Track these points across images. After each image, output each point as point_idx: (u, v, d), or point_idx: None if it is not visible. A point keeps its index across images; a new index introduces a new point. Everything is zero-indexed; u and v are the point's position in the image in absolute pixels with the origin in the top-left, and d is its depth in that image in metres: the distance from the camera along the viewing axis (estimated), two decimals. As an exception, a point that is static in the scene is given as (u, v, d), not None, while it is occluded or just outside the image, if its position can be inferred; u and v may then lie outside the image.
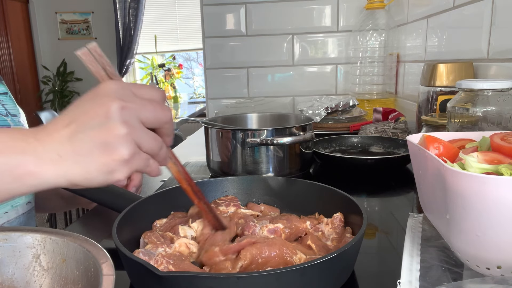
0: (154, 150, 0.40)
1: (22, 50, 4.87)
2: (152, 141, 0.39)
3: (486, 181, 0.36)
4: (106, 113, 0.37)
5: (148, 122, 0.39)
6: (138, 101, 0.39)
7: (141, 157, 0.39)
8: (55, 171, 0.37)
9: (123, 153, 0.37)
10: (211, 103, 1.89)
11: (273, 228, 0.54)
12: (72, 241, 0.38)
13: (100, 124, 0.37)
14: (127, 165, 0.38)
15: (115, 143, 0.37)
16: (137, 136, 0.38)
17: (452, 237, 0.43)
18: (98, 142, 0.37)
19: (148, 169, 0.41)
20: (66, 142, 0.37)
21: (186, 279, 0.37)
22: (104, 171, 0.37)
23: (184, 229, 0.55)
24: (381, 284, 0.47)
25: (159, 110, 0.40)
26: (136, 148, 0.38)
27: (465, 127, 0.66)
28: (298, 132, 0.82)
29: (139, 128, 0.38)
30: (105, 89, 0.38)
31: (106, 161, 0.37)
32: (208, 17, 1.79)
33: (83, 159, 0.37)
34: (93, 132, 0.37)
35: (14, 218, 0.66)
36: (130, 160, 0.38)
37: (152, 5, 4.91)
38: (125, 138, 0.37)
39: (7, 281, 0.40)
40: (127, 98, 0.38)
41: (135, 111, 0.38)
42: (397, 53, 1.62)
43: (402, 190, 0.81)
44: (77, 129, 0.37)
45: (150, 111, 0.39)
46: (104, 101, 0.37)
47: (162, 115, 0.40)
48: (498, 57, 0.87)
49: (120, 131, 0.37)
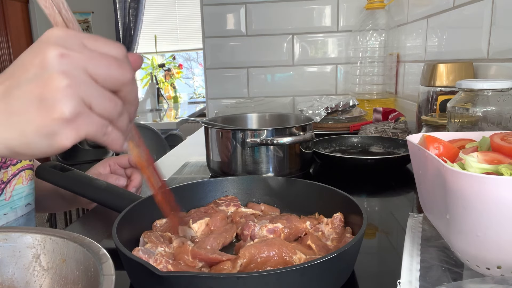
0: (111, 114, 0.33)
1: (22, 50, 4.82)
2: (106, 101, 0.32)
3: (486, 181, 0.36)
4: (42, 62, 0.31)
5: (100, 78, 0.32)
6: (87, 52, 0.32)
7: (92, 119, 0.32)
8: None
9: (63, 111, 0.30)
10: (211, 103, 1.89)
11: (272, 228, 0.54)
12: (72, 241, 0.38)
13: (35, 76, 0.31)
14: (71, 126, 0.31)
15: (53, 98, 0.30)
16: (83, 90, 0.31)
17: (452, 237, 0.43)
18: (32, 98, 0.30)
19: (106, 138, 0.33)
20: (0, 101, 0.32)
21: (186, 279, 0.37)
22: (43, 134, 0.31)
23: (183, 229, 0.55)
24: (381, 284, 0.47)
25: (115, 66, 0.32)
26: (83, 106, 0.31)
27: (465, 127, 0.66)
28: (298, 132, 0.82)
29: (86, 82, 0.31)
30: (47, 35, 0.32)
31: (44, 121, 0.31)
32: (208, 17, 1.79)
33: (17, 119, 0.31)
34: (27, 86, 0.31)
35: (13, 220, 0.66)
36: (74, 119, 0.31)
37: (152, 5, 4.91)
38: (65, 92, 0.30)
39: (7, 281, 0.40)
40: (72, 46, 0.31)
41: (81, 61, 0.31)
42: (397, 53, 1.62)
43: (402, 190, 0.81)
44: (12, 85, 0.32)
45: (102, 65, 0.32)
46: (43, 49, 0.31)
47: (118, 73, 0.33)
48: (498, 57, 0.87)
49: (58, 83, 0.30)
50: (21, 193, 0.68)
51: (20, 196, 0.67)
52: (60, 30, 0.32)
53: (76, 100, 0.30)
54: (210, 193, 0.65)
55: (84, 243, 0.38)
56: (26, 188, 0.69)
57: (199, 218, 0.57)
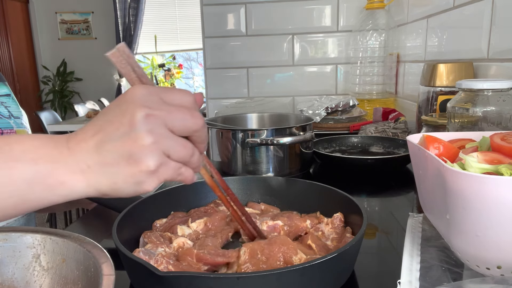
0: (185, 158, 0.38)
1: (22, 50, 4.87)
2: (181, 148, 0.37)
3: (486, 181, 0.36)
4: (130, 122, 0.35)
5: (176, 130, 0.37)
6: (165, 108, 0.37)
7: (170, 166, 0.37)
8: (85, 182, 0.37)
9: (149, 164, 0.35)
10: (211, 103, 1.89)
11: (272, 225, 0.54)
12: (72, 241, 0.38)
13: (125, 134, 0.35)
14: (155, 176, 0.36)
15: (140, 154, 0.35)
16: (164, 145, 0.36)
17: (452, 237, 0.43)
18: (123, 153, 0.35)
19: (180, 177, 0.39)
20: (94, 153, 0.36)
21: (186, 279, 0.37)
22: (131, 183, 0.36)
23: (182, 229, 0.55)
24: (381, 284, 0.47)
25: (189, 117, 0.38)
26: (164, 157, 0.36)
27: (465, 127, 0.66)
28: (298, 132, 0.82)
29: (166, 136, 0.36)
30: (131, 95, 0.36)
31: (132, 173, 0.36)
32: (208, 17, 1.79)
33: (109, 170, 0.36)
34: (118, 142, 0.35)
35: (14, 220, 0.66)
36: (158, 170, 0.36)
37: (152, 5, 4.91)
38: (150, 148, 0.35)
39: (7, 281, 0.40)
40: (153, 105, 0.36)
41: (161, 119, 0.36)
42: (397, 53, 1.62)
43: (402, 190, 0.81)
44: (103, 139, 0.36)
45: (179, 119, 0.37)
46: (129, 108, 0.36)
47: (192, 123, 0.38)
48: (498, 57, 0.87)
49: (145, 141, 0.35)
50: None
51: None
52: (141, 88, 0.37)
53: (159, 154, 0.36)
54: (210, 193, 0.65)
55: (84, 243, 0.38)
56: None
57: (198, 218, 0.57)
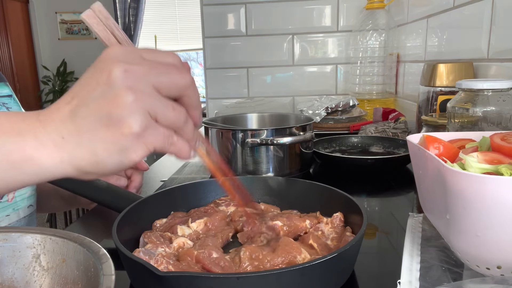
0: (176, 122, 0.33)
1: (22, 50, 4.87)
2: (170, 111, 0.32)
3: (486, 181, 0.36)
4: (107, 80, 0.30)
5: (163, 87, 0.32)
6: (148, 63, 0.32)
7: (159, 131, 0.32)
8: (58, 156, 0.32)
9: (132, 125, 0.30)
10: (211, 103, 1.89)
11: (272, 225, 0.54)
12: (72, 241, 0.38)
13: (102, 93, 0.31)
14: (140, 141, 0.31)
15: (121, 114, 0.30)
16: (148, 103, 0.31)
17: (452, 237, 0.43)
18: (101, 116, 0.30)
19: (173, 148, 0.33)
20: (68, 120, 0.31)
21: (186, 279, 0.37)
22: (114, 151, 0.31)
23: (182, 229, 0.55)
24: (381, 284, 0.47)
25: (175, 72, 0.33)
26: (149, 119, 0.31)
27: (465, 127, 0.66)
28: (298, 132, 0.82)
29: (151, 94, 0.31)
30: (108, 54, 0.32)
31: (114, 138, 0.31)
32: (208, 17, 1.79)
33: (87, 138, 0.31)
34: (95, 104, 0.31)
35: (16, 221, 0.66)
36: (143, 134, 0.31)
37: (152, 5, 4.91)
38: (132, 106, 0.30)
39: (7, 281, 0.40)
40: (133, 61, 0.31)
41: (144, 74, 0.31)
42: (397, 53, 1.62)
43: (402, 190, 0.81)
44: (79, 104, 0.31)
45: (163, 74, 0.32)
46: (105, 66, 0.31)
47: (179, 78, 0.33)
48: (498, 57, 0.87)
49: (125, 98, 0.30)
50: (24, 195, 0.68)
51: (23, 198, 0.67)
52: (117, 47, 0.33)
53: (143, 114, 0.31)
54: (210, 193, 0.65)
55: (84, 243, 0.38)
56: (29, 190, 0.69)
57: (198, 218, 0.57)
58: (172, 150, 0.33)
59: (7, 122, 0.32)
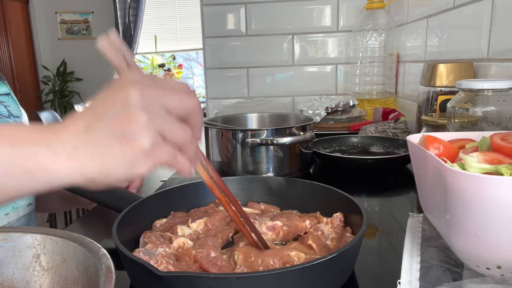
0: (181, 141, 0.36)
1: (22, 50, 4.87)
2: (178, 131, 0.36)
3: (486, 181, 0.36)
4: (124, 100, 0.33)
5: (173, 108, 0.35)
6: (160, 87, 0.35)
7: (166, 149, 0.35)
8: (70, 166, 0.34)
9: (143, 142, 0.33)
10: (211, 103, 1.89)
11: (271, 225, 0.54)
12: (72, 241, 0.38)
13: (118, 111, 0.33)
14: (149, 157, 0.34)
15: (135, 132, 0.33)
16: (159, 123, 0.34)
17: (452, 237, 0.43)
18: (116, 131, 0.33)
19: (177, 164, 0.36)
20: (82, 133, 0.34)
21: (186, 279, 0.37)
22: (123, 164, 0.34)
23: (182, 229, 0.55)
24: (381, 284, 0.47)
25: (185, 95, 0.36)
26: (159, 137, 0.34)
27: (465, 127, 0.66)
28: (298, 132, 0.82)
29: (162, 115, 0.35)
30: (125, 77, 0.35)
31: (125, 152, 0.34)
32: (208, 17, 1.79)
33: (100, 150, 0.34)
34: (110, 121, 0.34)
35: (15, 220, 0.66)
36: (152, 150, 0.34)
37: (152, 5, 4.91)
38: (145, 125, 0.33)
39: (7, 281, 0.40)
40: (148, 84, 0.35)
41: (157, 97, 0.35)
42: (397, 53, 1.62)
43: (402, 190, 0.81)
44: (94, 119, 0.34)
45: (174, 97, 0.36)
46: (123, 87, 0.34)
47: (188, 101, 0.36)
48: (498, 57, 0.87)
49: (140, 118, 0.33)
50: None
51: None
52: (135, 73, 0.36)
53: (154, 133, 0.34)
54: (210, 193, 0.65)
55: (84, 243, 0.38)
56: None
57: (198, 218, 0.57)
58: (176, 166, 0.36)
59: (22, 132, 0.35)
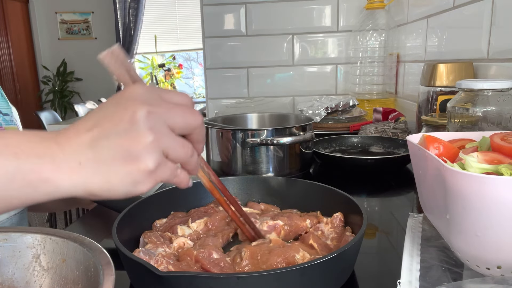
0: (183, 158, 0.37)
1: (22, 50, 4.87)
2: (180, 148, 0.36)
3: (486, 181, 0.36)
4: (131, 119, 0.34)
5: (177, 127, 0.36)
6: (165, 105, 0.36)
7: (168, 166, 0.36)
8: (73, 180, 0.34)
9: (148, 163, 0.34)
10: (211, 103, 1.89)
11: (273, 225, 0.54)
12: (72, 241, 0.38)
13: (125, 130, 0.34)
14: (152, 176, 0.35)
15: (140, 152, 0.34)
16: (164, 143, 0.35)
17: (452, 237, 0.43)
18: (122, 150, 0.34)
19: (176, 179, 0.38)
20: (88, 149, 0.34)
21: (186, 279, 0.37)
22: (127, 182, 0.35)
23: (182, 229, 0.55)
24: (381, 284, 0.47)
25: (189, 114, 0.37)
26: (163, 157, 0.35)
27: (465, 127, 0.66)
28: (298, 132, 0.82)
29: (167, 134, 0.35)
30: (131, 92, 0.35)
31: (129, 171, 0.34)
32: (208, 17, 1.79)
33: (104, 168, 0.34)
34: (117, 139, 0.34)
35: (6, 219, 0.65)
36: (156, 170, 0.35)
37: (152, 5, 4.91)
38: (151, 146, 0.34)
39: (7, 281, 0.40)
40: (154, 102, 0.35)
41: (162, 116, 0.35)
42: (397, 53, 1.62)
43: (402, 190, 0.81)
44: (100, 135, 0.34)
45: (179, 116, 0.36)
46: (130, 105, 0.34)
47: (192, 119, 0.37)
48: (498, 57, 0.87)
49: (146, 138, 0.34)
50: None
51: None
52: (139, 87, 0.36)
53: (159, 153, 0.35)
54: (209, 193, 0.65)
55: (84, 243, 0.38)
56: None
57: (198, 218, 0.57)
58: (175, 181, 0.38)
59: (27, 142, 0.34)
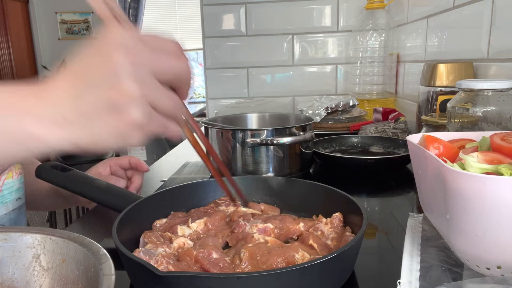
0: (172, 111, 0.35)
1: (22, 50, 4.87)
2: (169, 101, 0.35)
3: (486, 181, 0.36)
4: (113, 69, 0.31)
5: (163, 75, 0.34)
6: (148, 51, 0.33)
7: (157, 119, 0.34)
8: (59, 134, 0.33)
9: (135, 117, 0.32)
10: (211, 103, 1.89)
11: (262, 228, 0.54)
12: (72, 241, 0.38)
13: (107, 81, 0.32)
14: (141, 130, 0.33)
15: (126, 105, 0.32)
16: (150, 94, 0.33)
17: (452, 237, 0.43)
18: (106, 103, 0.32)
19: (167, 133, 0.36)
20: (70, 102, 0.32)
21: (186, 279, 0.37)
22: (114, 135, 0.33)
23: (182, 229, 0.55)
24: (381, 284, 0.47)
25: (174, 59, 0.35)
26: (150, 109, 0.33)
27: (465, 127, 0.66)
28: (298, 132, 0.82)
29: (153, 85, 0.33)
30: (111, 38, 0.33)
31: (116, 125, 0.32)
32: (208, 17, 1.79)
33: (89, 121, 0.32)
34: (99, 91, 0.32)
35: (4, 214, 0.65)
36: (144, 123, 0.33)
37: (152, 5, 4.91)
38: (136, 98, 0.32)
39: (7, 281, 0.40)
40: (136, 48, 0.33)
41: (147, 65, 0.33)
42: (397, 53, 1.62)
43: (402, 190, 0.81)
44: (82, 87, 0.32)
45: (164, 63, 0.34)
46: (111, 53, 0.32)
47: (178, 65, 0.35)
48: (498, 57, 0.87)
49: (132, 90, 0.32)
50: (12, 187, 0.67)
51: (11, 191, 0.67)
52: (121, 31, 0.33)
53: (146, 106, 0.33)
54: (210, 193, 0.65)
55: (84, 243, 0.38)
56: (17, 182, 0.68)
57: (198, 218, 0.57)
58: (166, 134, 0.36)
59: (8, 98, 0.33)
